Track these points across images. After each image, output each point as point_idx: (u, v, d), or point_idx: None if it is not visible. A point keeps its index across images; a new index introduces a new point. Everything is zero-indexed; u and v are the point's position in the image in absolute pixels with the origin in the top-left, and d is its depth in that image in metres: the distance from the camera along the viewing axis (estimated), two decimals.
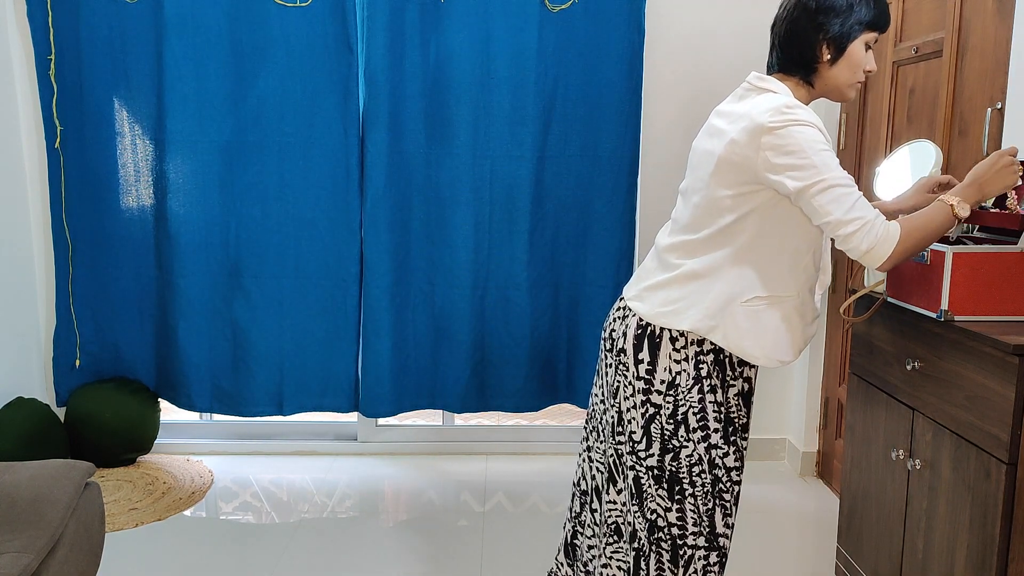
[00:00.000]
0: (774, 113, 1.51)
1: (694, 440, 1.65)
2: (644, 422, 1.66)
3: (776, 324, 1.61)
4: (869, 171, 2.71)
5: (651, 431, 1.66)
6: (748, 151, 1.53)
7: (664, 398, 1.64)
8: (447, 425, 3.46)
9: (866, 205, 1.51)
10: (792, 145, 1.49)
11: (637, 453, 1.68)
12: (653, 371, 1.64)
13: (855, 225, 1.49)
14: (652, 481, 1.67)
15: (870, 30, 1.61)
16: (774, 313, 1.61)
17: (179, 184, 3.06)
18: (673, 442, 1.65)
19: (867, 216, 1.50)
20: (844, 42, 1.60)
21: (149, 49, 2.98)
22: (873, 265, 1.52)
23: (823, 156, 1.49)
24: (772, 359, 1.62)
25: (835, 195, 1.49)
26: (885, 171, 2.00)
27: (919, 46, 2.43)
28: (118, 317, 3.17)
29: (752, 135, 1.52)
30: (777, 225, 1.58)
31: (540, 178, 3.06)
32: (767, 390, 3.29)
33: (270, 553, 2.56)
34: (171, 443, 3.33)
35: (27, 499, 1.71)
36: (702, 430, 1.65)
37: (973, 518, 1.60)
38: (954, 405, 1.66)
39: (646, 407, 1.66)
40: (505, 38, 2.95)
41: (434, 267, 3.12)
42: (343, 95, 3.00)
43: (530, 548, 2.61)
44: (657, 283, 1.67)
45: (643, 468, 1.68)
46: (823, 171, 1.48)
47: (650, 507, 1.69)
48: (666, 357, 1.63)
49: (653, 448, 1.66)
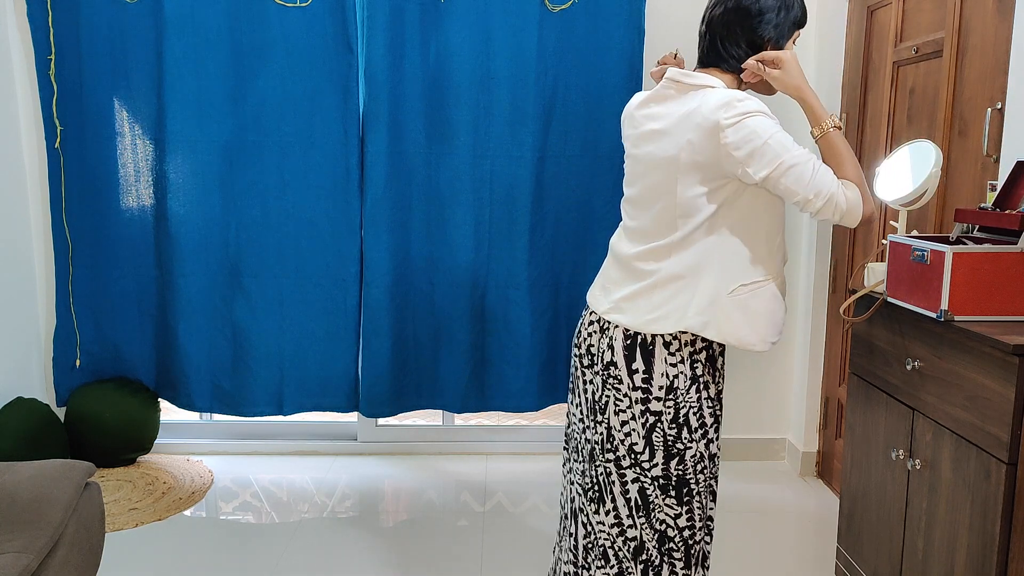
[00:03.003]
0: (726, 108, 1.55)
1: (696, 439, 1.66)
2: (645, 432, 1.66)
3: (765, 307, 1.64)
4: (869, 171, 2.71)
5: (653, 440, 1.66)
6: (709, 150, 1.57)
7: (664, 404, 1.64)
8: (447, 425, 3.46)
9: (824, 175, 1.56)
10: (748, 136, 1.54)
11: (640, 464, 1.67)
12: (650, 379, 1.64)
13: (821, 200, 1.56)
14: (659, 491, 1.67)
15: (799, 28, 1.70)
16: (761, 297, 1.63)
17: (179, 184, 3.06)
18: (677, 446, 1.66)
19: (828, 188, 1.56)
20: (781, 42, 1.67)
21: (149, 49, 2.98)
22: (852, 225, 1.60)
23: (778, 139, 1.54)
24: (767, 342, 1.65)
25: (796, 175, 1.54)
26: (885, 171, 2.00)
27: (919, 46, 2.43)
28: (118, 317, 3.17)
29: (710, 134, 1.56)
30: (747, 213, 1.62)
31: (540, 178, 3.06)
32: (767, 390, 3.29)
33: (270, 553, 2.56)
34: (171, 443, 3.33)
35: (27, 499, 1.71)
36: (701, 428, 1.66)
37: (973, 518, 1.60)
38: (954, 405, 1.66)
39: (646, 416, 1.65)
40: (505, 38, 2.95)
41: (434, 267, 3.12)
42: (343, 95, 3.00)
43: (530, 548, 2.61)
44: (634, 292, 1.67)
45: (648, 479, 1.67)
46: (781, 153, 1.54)
47: (659, 518, 1.68)
48: (662, 362, 1.64)
49: (657, 457, 1.66)
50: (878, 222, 2.68)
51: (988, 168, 2.07)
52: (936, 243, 1.68)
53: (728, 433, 3.25)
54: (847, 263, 2.94)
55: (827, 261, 3.06)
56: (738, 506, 2.90)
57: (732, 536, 2.67)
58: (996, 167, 2.01)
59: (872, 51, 2.75)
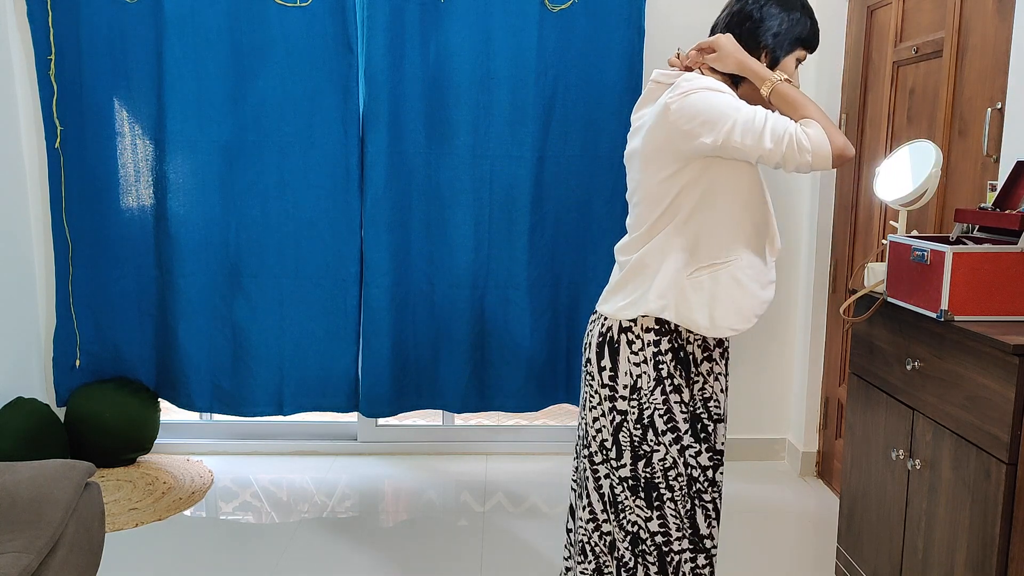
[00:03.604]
0: (673, 89, 1.57)
1: (665, 443, 1.64)
2: (613, 430, 1.66)
3: (726, 291, 1.61)
4: (869, 171, 2.71)
5: (620, 439, 1.66)
6: (661, 132, 1.58)
7: (628, 403, 1.64)
8: (447, 425, 3.46)
9: (777, 120, 1.53)
10: (693, 107, 1.54)
11: (610, 462, 1.68)
12: (615, 376, 1.65)
13: (782, 146, 1.52)
14: (628, 492, 1.66)
15: (803, 47, 1.69)
16: (721, 280, 1.61)
17: (179, 184, 3.06)
18: (643, 447, 1.64)
19: (784, 130, 1.52)
20: (780, 55, 1.67)
21: (149, 49, 2.98)
22: (827, 165, 1.54)
23: (723, 102, 1.54)
24: (723, 328, 1.62)
25: (744, 128, 1.52)
26: (885, 171, 2.00)
27: (919, 46, 2.43)
28: (118, 317, 3.17)
29: (660, 117, 1.58)
30: (709, 195, 1.61)
31: (540, 178, 3.06)
32: (767, 390, 3.29)
33: (270, 553, 2.56)
34: (171, 443, 3.33)
35: (27, 499, 1.71)
36: (672, 432, 1.64)
37: (973, 518, 1.60)
38: (954, 405, 1.66)
39: (613, 415, 1.66)
40: (505, 38, 2.95)
41: (434, 267, 3.12)
42: (343, 95, 3.00)
43: (530, 548, 2.61)
44: (615, 284, 1.72)
45: (616, 479, 1.67)
46: (728, 113, 1.53)
47: (629, 519, 1.67)
48: (625, 361, 1.64)
49: (625, 457, 1.66)
50: (877, 220, 2.68)
51: (988, 168, 2.07)
52: (936, 243, 1.68)
53: (728, 433, 3.25)
54: (847, 263, 2.94)
55: (827, 261, 3.06)
56: (738, 506, 2.90)
57: (732, 536, 2.67)
58: (996, 167, 2.01)
59: (872, 51, 2.75)
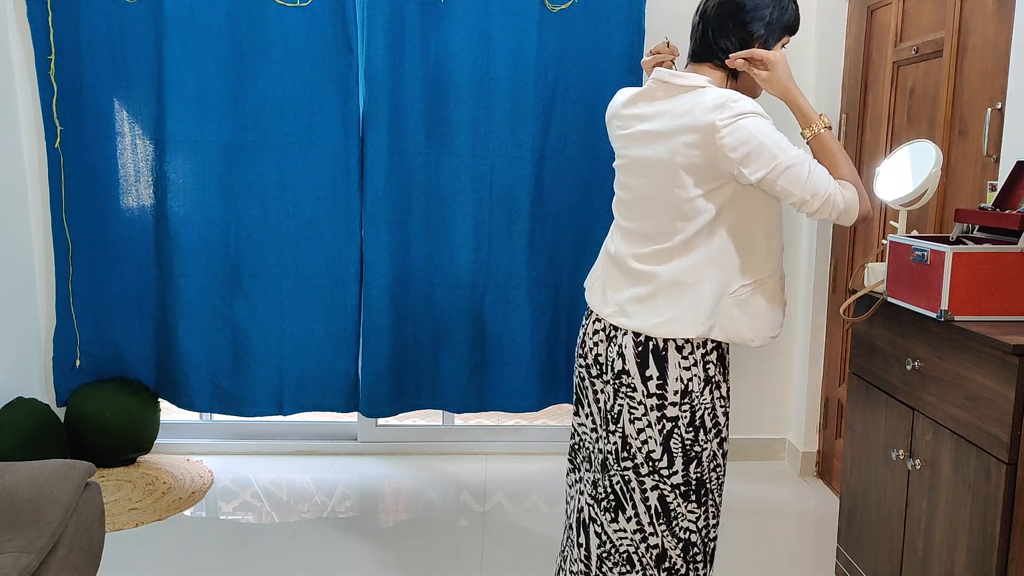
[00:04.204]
0: (721, 110, 1.54)
1: (711, 439, 1.69)
2: (662, 439, 1.65)
3: (765, 304, 1.66)
4: (869, 171, 2.71)
5: (671, 446, 1.65)
6: (705, 152, 1.56)
7: (680, 408, 1.64)
8: (447, 425, 3.46)
9: (821, 176, 1.56)
10: (743, 137, 1.53)
11: (659, 472, 1.66)
12: (664, 384, 1.63)
13: (818, 201, 1.56)
14: (680, 498, 1.67)
15: (789, 33, 1.69)
16: (762, 295, 1.65)
17: (179, 184, 3.06)
18: (695, 448, 1.66)
19: (825, 189, 1.56)
20: (770, 43, 1.66)
21: (149, 49, 2.98)
22: (848, 224, 1.61)
23: (774, 140, 1.54)
24: (766, 338, 1.67)
25: (792, 176, 1.54)
26: (885, 171, 2.00)
27: (919, 46, 2.43)
28: (118, 317, 3.16)
29: (705, 135, 1.55)
30: (746, 212, 1.62)
31: (540, 178, 3.06)
32: (767, 390, 3.29)
33: (270, 553, 2.56)
34: (171, 443, 3.33)
35: (27, 499, 1.71)
36: (715, 428, 1.69)
37: (973, 518, 1.60)
38: (954, 405, 1.66)
39: (662, 423, 1.65)
40: (505, 38, 2.95)
41: (434, 267, 3.12)
42: (343, 95, 3.00)
43: (530, 548, 2.61)
44: (638, 296, 1.66)
45: (668, 486, 1.67)
46: (777, 155, 1.53)
47: (681, 526, 1.68)
48: (675, 367, 1.63)
49: (677, 464, 1.66)
50: (877, 220, 2.68)
51: (988, 168, 2.07)
52: (936, 243, 1.68)
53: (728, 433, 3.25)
54: (847, 263, 2.94)
55: (827, 261, 3.06)
56: (738, 506, 2.90)
57: (732, 536, 2.67)
58: (996, 167, 2.01)
59: (872, 51, 2.75)
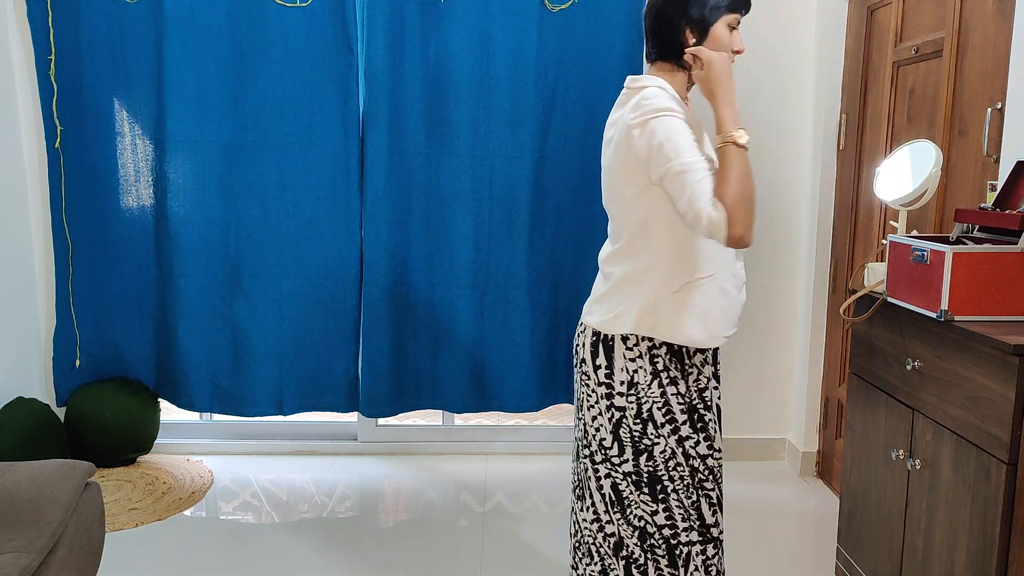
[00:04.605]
0: (635, 109, 1.57)
1: (664, 435, 1.67)
2: (612, 427, 1.68)
3: (711, 303, 1.63)
4: (869, 171, 2.71)
5: (620, 436, 1.68)
6: (629, 153, 1.58)
7: (627, 399, 1.67)
8: (447, 425, 3.46)
9: (702, 191, 1.49)
10: (648, 137, 1.54)
11: (611, 460, 1.69)
12: (612, 374, 1.67)
13: (690, 215, 1.51)
14: (632, 487, 1.68)
15: (730, 11, 1.64)
16: (706, 293, 1.63)
17: (179, 184, 3.06)
18: (644, 442, 1.67)
19: (697, 204, 1.48)
20: (706, 25, 1.62)
21: (149, 49, 2.98)
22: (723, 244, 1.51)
23: (673, 142, 1.52)
24: (718, 337, 1.65)
25: (679, 183, 1.51)
26: (885, 171, 2.00)
27: (919, 46, 2.43)
28: (118, 317, 3.17)
29: (626, 136, 1.58)
30: None
31: (540, 178, 3.06)
32: (767, 390, 3.29)
33: (270, 553, 2.56)
34: (171, 443, 3.33)
35: (27, 499, 1.71)
36: (670, 424, 1.67)
37: (973, 518, 1.60)
38: (954, 405, 1.66)
39: (611, 412, 1.68)
40: (505, 38, 2.95)
41: (434, 267, 3.12)
42: (343, 95, 3.00)
43: (530, 548, 2.61)
44: (600, 295, 1.73)
45: (620, 475, 1.69)
46: (671, 158, 1.51)
47: (636, 514, 1.69)
48: (621, 358, 1.66)
49: (626, 453, 1.68)
50: (877, 220, 2.68)
51: (988, 168, 2.07)
52: (936, 243, 1.68)
53: (728, 433, 3.25)
54: (847, 263, 2.94)
55: (827, 261, 3.06)
56: (738, 506, 2.90)
57: (732, 536, 2.66)
58: (996, 167, 2.01)
59: (872, 51, 2.75)
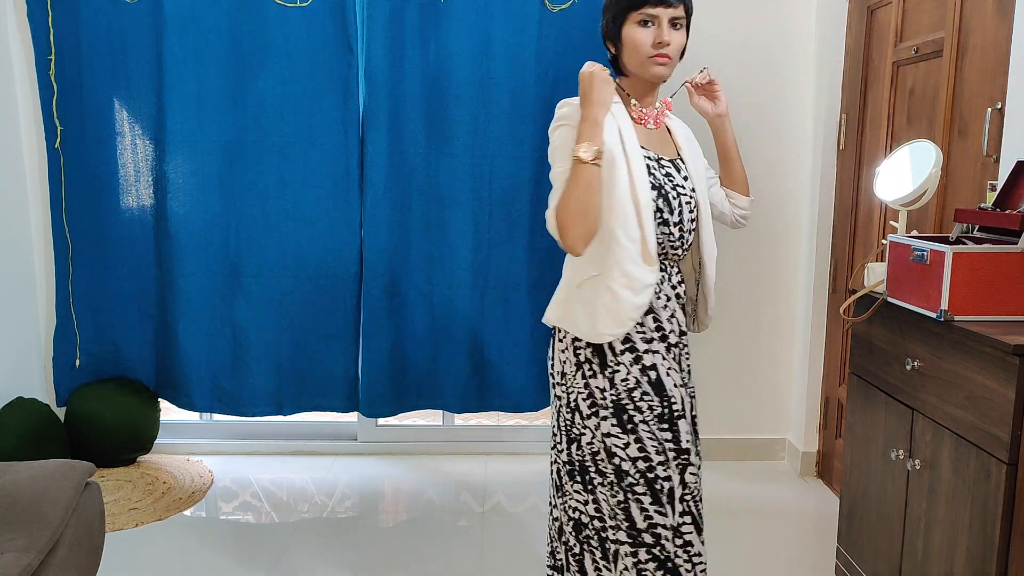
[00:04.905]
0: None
1: (590, 427, 1.72)
2: (555, 416, 1.80)
3: (603, 300, 1.69)
4: (869, 171, 2.71)
5: (560, 423, 1.78)
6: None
7: (562, 389, 1.77)
8: (447, 425, 3.46)
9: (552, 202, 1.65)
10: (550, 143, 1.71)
11: (556, 447, 1.80)
12: (553, 365, 1.79)
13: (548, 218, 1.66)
14: (567, 476, 1.77)
15: (631, 10, 1.67)
16: (601, 290, 1.69)
17: (179, 184, 3.06)
18: (573, 430, 1.74)
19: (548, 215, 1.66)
20: (615, 33, 1.72)
21: (149, 49, 2.98)
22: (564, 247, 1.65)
23: (557, 150, 1.68)
24: (602, 335, 1.69)
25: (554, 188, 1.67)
26: (885, 171, 2.00)
27: (919, 46, 2.43)
28: (118, 317, 3.16)
29: None
30: None
31: (540, 178, 3.05)
32: (767, 390, 3.29)
33: (270, 553, 2.57)
34: (171, 443, 3.33)
35: (27, 499, 1.71)
36: (594, 416, 1.71)
37: (973, 519, 1.60)
38: (954, 405, 1.66)
39: (554, 400, 1.80)
40: (505, 38, 2.95)
41: (433, 267, 3.12)
42: (343, 95, 2.99)
43: (530, 548, 2.61)
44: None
45: (561, 462, 1.79)
46: (553, 165, 1.69)
47: (571, 504, 1.77)
48: (557, 351, 1.78)
49: (562, 441, 1.77)
50: (877, 220, 2.68)
51: (988, 168, 2.07)
52: (936, 243, 1.68)
53: (728, 433, 3.26)
54: (847, 263, 2.94)
55: (827, 261, 3.06)
56: (738, 506, 2.90)
57: (732, 536, 2.67)
58: (996, 167, 2.01)
59: (872, 51, 2.75)
